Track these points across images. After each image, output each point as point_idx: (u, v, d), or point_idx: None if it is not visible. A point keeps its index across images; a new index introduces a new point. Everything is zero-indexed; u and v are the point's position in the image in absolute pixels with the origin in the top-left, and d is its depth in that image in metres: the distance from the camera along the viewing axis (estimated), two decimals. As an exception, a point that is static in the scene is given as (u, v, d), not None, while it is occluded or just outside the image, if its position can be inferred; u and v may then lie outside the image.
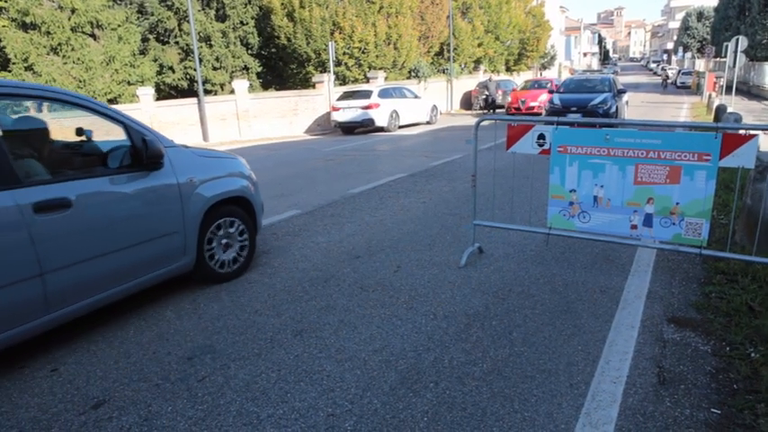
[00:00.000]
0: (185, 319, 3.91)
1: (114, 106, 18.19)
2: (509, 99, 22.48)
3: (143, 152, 3.80)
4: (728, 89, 21.81)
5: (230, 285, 4.51)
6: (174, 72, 23.79)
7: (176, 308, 4.10)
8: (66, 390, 3.04)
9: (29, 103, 3.69)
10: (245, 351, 3.39)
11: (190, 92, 22.77)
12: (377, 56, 23.67)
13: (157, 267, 4.03)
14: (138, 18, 22.89)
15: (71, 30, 19.11)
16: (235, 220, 4.67)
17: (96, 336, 3.69)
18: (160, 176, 3.98)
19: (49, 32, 18.60)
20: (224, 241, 4.60)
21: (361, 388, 2.92)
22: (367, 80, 23.01)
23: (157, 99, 20.21)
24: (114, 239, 3.64)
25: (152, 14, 23.14)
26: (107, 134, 4.08)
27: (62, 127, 4.00)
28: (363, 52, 23.42)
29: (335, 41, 22.57)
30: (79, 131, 3.89)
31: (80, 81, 19.30)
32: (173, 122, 18.47)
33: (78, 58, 19.34)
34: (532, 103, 21.20)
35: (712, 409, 2.64)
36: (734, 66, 19.19)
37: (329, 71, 21.84)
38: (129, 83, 20.85)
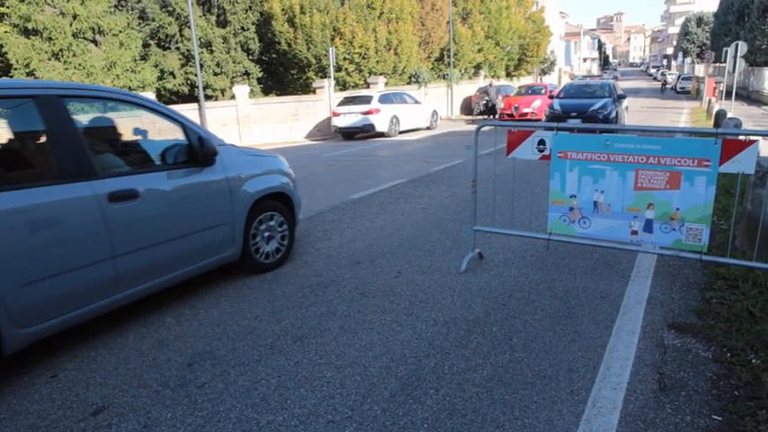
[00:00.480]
0: (185, 325, 3.90)
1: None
2: (501, 105, 22.04)
3: (198, 150, 4.18)
4: (728, 94, 21.85)
5: (229, 291, 4.51)
6: (174, 77, 23.86)
7: (176, 314, 4.10)
8: (65, 396, 3.03)
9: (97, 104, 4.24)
10: (244, 357, 3.38)
11: (191, 97, 22.81)
12: (377, 61, 23.74)
13: (209, 255, 4.35)
14: (140, 24, 22.97)
15: (72, 35, 19.17)
16: (276, 213, 5.00)
17: (96, 342, 3.69)
18: (212, 172, 4.33)
19: (50, 38, 18.65)
20: (266, 234, 4.93)
21: (362, 394, 2.92)
22: (367, 86, 23.06)
23: (158, 104, 20.23)
24: (173, 228, 3.98)
25: (153, 20, 23.23)
26: (159, 133, 4.64)
27: (123, 126, 4.47)
28: (364, 58, 23.48)
29: (336, 47, 22.63)
30: (136, 131, 4.36)
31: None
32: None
33: (80, 64, 19.39)
34: (525, 110, 20.64)
35: (713, 416, 2.63)
36: (733, 71, 19.24)
37: (330, 76, 21.89)
38: (130, 88, 20.88)
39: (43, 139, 3.55)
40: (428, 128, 20.65)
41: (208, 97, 22.91)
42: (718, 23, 41.83)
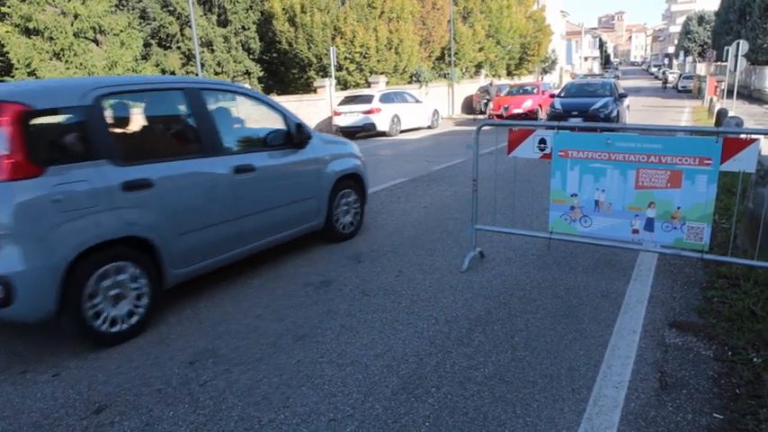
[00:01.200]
0: (187, 323, 3.91)
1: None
2: (491, 106, 21.21)
3: (295, 135, 5.12)
4: (729, 93, 21.83)
5: (231, 290, 4.52)
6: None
7: (178, 312, 4.11)
8: (67, 395, 3.04)
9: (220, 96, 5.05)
10: (246, 356, 3.39)
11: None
12: (378, 60, 23.72)
13: (302, 223, 5.24)
14: (141, 23, 22.96)
15: (74, 35, 19.17)
16: (351, 191, 5.89)
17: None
18: (305, 154, 5.22)
19: (51, 38, 18.65)
20: (344, 208, 5.80)
21: (363, 393, 2.92)
22: (368, 85, 23.04)
23: (159, 104, 20.24)
24: (277, 198, 4.87)
25: (154, 20, 23.22)
26: (260, 121, 5.49)
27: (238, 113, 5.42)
28: (365, 57, 23.47)
29: (337, 46, 22.62)
30: (238, 120, 5.28)
31: None
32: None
33: (81, 64, 19.39)
34: (516, 110, 19.71)
35: (714, 414, 2.64)
36: (735, 70, 19.22)
37: (331, 76, 21.88)
38: (130, 88, 20.91)
39: (190, 121, 4.45)
40: (429, 127, 20.64)
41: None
42: (719, 22, 41.76)
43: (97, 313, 3.53)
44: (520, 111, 19.72)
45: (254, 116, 5.28)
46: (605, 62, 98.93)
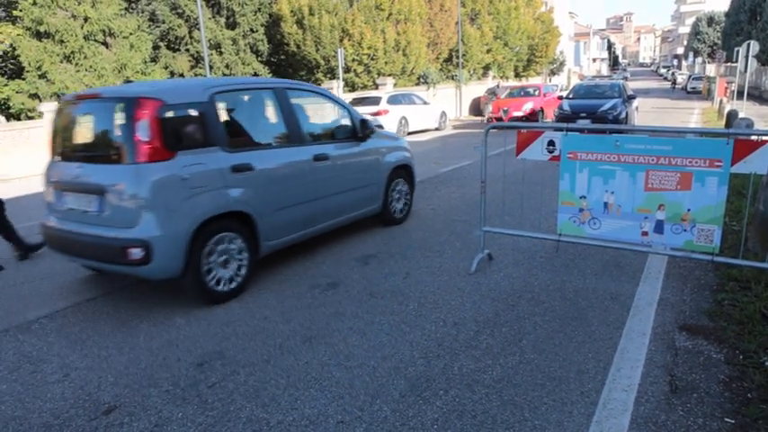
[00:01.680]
0: (195, 325, 3.92)
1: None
2: (490, 108, 20.45)
3: (359, 129, 5.81)
4: (740, 94, 21.66)
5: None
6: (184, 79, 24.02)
7: (186, 314, 4.12)
8: (77, 395, 3.06)
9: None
10: (254, 357, 3.40)
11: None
12: (386, 62, 23.75)
13: (364, 206, 5.96)
14: (150, 26, 23.12)
15: (84, 38, 19.33)
16: (402, 180, 6.59)
17: (107, 342, 3.72)
18: (366, 146, 5.91)
19: (62, 41, 18.82)
20: (397, 195, 6.51)
21: (371, 395, 2.92)
22: (376, 87, 23.07)
23: (168, 106, 20.34)
24: (346, 184, 5.56)
25: (163, 22, 23.37)
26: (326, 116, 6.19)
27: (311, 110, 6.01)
28: (372, 59, 23.50)
29: (344, 48, 22.67)
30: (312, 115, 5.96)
31: (92, 88, 19.53)
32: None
33: (90, 66, 19.55)
34: (516, 113, 18.86)
35: (726, 419, 2.61)
36: (745, 70, 19.07)
37: (338, 78, 21.93)
38: (140, 90, 21.04)
39: (279, 116, 5.08)
40: (437, 129, 20.62)
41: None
42: (729, 23, 41.47)
43: (210, 273, 4.23)
44: (520, 113, 18.88)
45: (326, 112, 6.19)
46: (614, 63, 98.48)
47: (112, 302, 4.45)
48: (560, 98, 18.05)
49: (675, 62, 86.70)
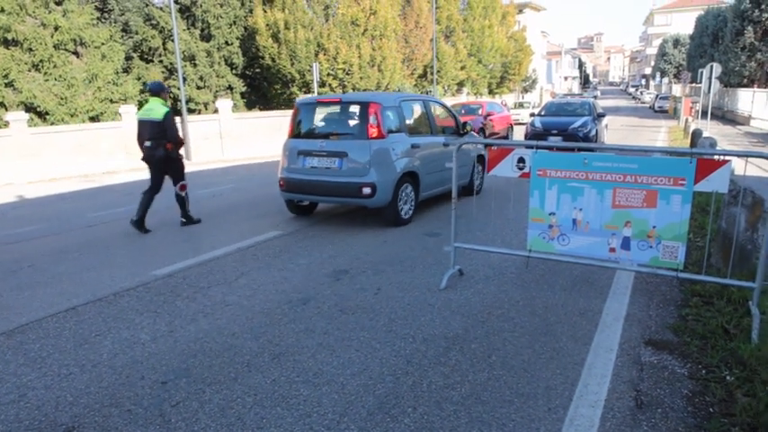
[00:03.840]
0: (161, 341, 3.83)
1: (95, 124, 18.05)
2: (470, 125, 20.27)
3: (461, 128, 8.68)
4: (704, 114, 22.33)
5: (207, 308, 4.45)
6: (157, 90, 23.69)
7: (152, 330, 4.02)
8: (33, 416, 2.95)
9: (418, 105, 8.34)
10: (221, 375, 3.33)
11: (173, 110, 22.62)
12: (361, 77, 23.88)
13: (461, 179, 8.20)
14: (123, 36, 22.82)
15: (54, 47, 18.98)
16: (480, 165, 9.17)
17: (68, 360, 3.60)
18: (464, 140, 7.03)
19: (30, 49, 18.45)
20: (478, 175, 9.12)
21: (339, 413, 2.88)
22: (351, 101, 23.12)
23: (140, 117, 20.04)
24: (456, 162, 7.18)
25: (136, 33, 23.10)
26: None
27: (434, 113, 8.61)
28: (347, 73, 23.61)
29: (320, 63, 22.73)
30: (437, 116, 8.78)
31: (61, 98, 19.11)
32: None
33: (60, 75, 19.18)
34: None
35: (689, 434, 2.64)
36: (709, 91, 19.69)
37: (313, 92, 21.94)
38: (111, 101, 20.65)
39: (427, 116, 8.05)
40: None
41: (191, 111, 22.76)
42: (693, 45, 42.90)
43: (399, 205, 7.05)
44: None
45: (445, 116, 8.83)
46: (585, 82, 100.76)
47: (75, 318, 4.32)
48: (532, 115, 18.31)
49: (644, 82, 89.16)
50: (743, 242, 4.61)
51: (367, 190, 6.66)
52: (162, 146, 7.24)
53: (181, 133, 7.85)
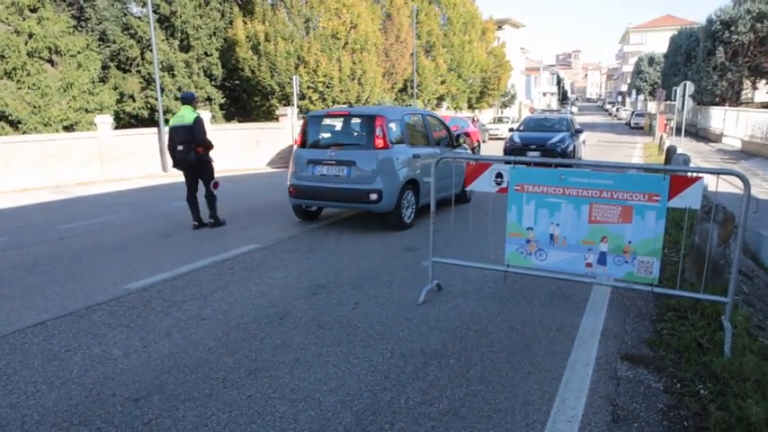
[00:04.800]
0: (133, 357, 3.76)
1: (69, 134, 17.78)
2: None
3: (453, 140, 9.45)
4: (678, 131, 22.89)
5: (182, 323, 4.38)
6: (134, 101, 23.43)
7: (124, 346, 3.95)
8: (-2, 435, 2.86)
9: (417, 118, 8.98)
10: (195, 391, 3.28)
11: (150, 121, 22.41)
12: (341, 90, 23.96)
13: (455, 188, 8.25)
14: (100, 45, 22.57)
15: (27, 54, 18.70)
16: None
17: (36, 377, 3.51)
18: (456, 151, 9.11)
19: (3, 56, 18.16)
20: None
21: (315, 430, 2.85)
22: (331, 114, 23.13)
23: (116, 128, 19.82)
24: (449, 172, 8.25)
25: (114, 42, 22.88)
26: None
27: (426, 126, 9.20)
28: (328, 87, 23.67)
29: (300, 75, 22.77)
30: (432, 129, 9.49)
31: (35, 107, 18.80)
32: (131, 152, 18.05)
33: (34, 84, 18.89)
34: None
35: (664, 448, 2.67)
36: (682, 109, 20.19)
37: (293, 104, 21.93)
38: (87, 110, 20.37)
39: (425, 130, 8.74)
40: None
41: (168, 122, 22.53)
42: (668, 64, 44.04)
43: (402, 211, 7.58)
44: None
45: (439, 129, 9.43)
46: (563, 98, 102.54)
47: (44, 333, 4.22)
48: (511, 130, 18.54)
49: (620, 98, 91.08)
50: (715, 257, 4.72)
51: (374, 196, 7.28)
52: (192, 150, 7.88)
53: (158, 145, 8.07)
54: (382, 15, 28.74)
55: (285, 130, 20.90)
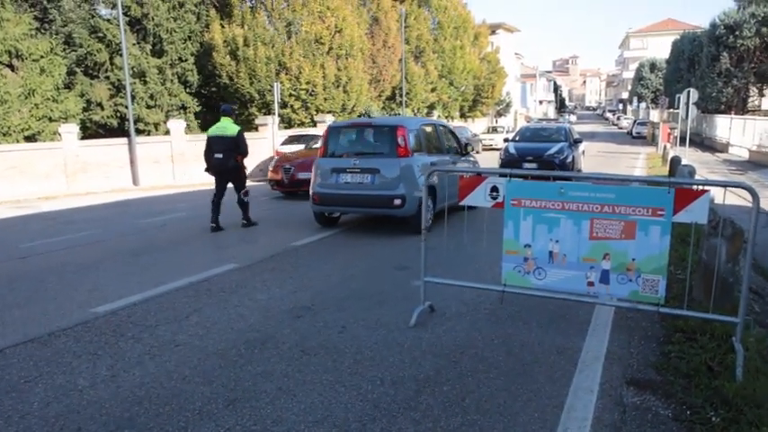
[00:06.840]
0: (101, 388, 3.71)
1: (31, 144, 17.65)
2: (271, 165, 15.23)
3: (462, 148, 10.75)
4: (682, 140, 23.23)
5: (155, 349, 4.34)
6: (103, 109, 23.34)
7: (90, 375, 3.90)
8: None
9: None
10: (169, 425, 3.23)
11: (120, 131, 22.33)
12: (325, 98, 24.07)
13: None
14: (65, 49, 22.51)
15: (-15, 59, 18.62)
16: None
17: (-7, 409, 3.45)
18: (465, 158, 10.68)
19: (-42, 61, 18.06)
20: None
21: (300, 465, 2.82)
22: (314, 124, 23.25)
23: (83, 138, 19.71)
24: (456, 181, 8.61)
25: (81, 46, 22.84)
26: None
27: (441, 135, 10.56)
28: (311, 94, 23.78)
29: (281, 82, 22.85)
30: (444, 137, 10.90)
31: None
32: (99, 163, 17.96)
33: (-8, 91, 18.78)
34: (302, 175, 13.02)
35: (673, 481, 2.67)
36: (686, 117, 20.52)
37: (274, 113, 21.99)
38: (50, 119, 20.26)
39: (439, 138, 9.99)
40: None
41: (140, 131, 22.48)
42: (670, 70, 44.85)
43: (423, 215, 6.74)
44: (308, 176, 10.17)
45: (450, 138, 10.62)
46: (560, 106, 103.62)
47: (2, 362, 4.15)
48: (506, 140, 18.69)
49: (621, 106, 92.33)
50: (724, 274, 4.77)
51: (398, 201, 8.25)
52: (233, 158, 9.29)
53: (129, 157, 8.13)
54: (369, 19, 29.00)
55: (266, 140, 20.92)
